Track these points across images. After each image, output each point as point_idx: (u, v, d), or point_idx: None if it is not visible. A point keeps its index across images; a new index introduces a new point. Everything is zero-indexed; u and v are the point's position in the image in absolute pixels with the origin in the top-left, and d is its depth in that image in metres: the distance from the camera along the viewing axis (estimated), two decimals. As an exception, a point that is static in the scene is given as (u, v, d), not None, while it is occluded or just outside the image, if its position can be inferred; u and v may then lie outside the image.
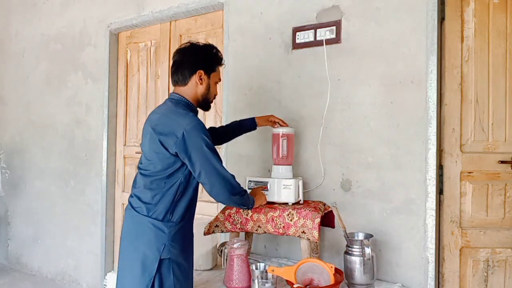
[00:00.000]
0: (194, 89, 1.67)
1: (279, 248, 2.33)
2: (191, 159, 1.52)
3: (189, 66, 1.66)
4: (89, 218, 3.33)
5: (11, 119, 3.96)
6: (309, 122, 2.24)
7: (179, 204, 1.59)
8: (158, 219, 1.55)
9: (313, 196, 2.22)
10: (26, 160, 3.81)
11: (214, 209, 2.68)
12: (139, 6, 3.02)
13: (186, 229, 1.64)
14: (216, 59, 1.72)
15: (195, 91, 1.67)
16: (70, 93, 3.47)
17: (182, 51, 1.69)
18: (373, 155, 2.06)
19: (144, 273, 1.53)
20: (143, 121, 3.14)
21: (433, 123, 1.91)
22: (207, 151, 1.52)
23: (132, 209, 1.61)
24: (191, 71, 1.65)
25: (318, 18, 2.24)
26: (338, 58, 2.17)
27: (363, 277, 1.73)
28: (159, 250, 1.53)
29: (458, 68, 1.97)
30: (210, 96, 1.72)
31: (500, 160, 1.93)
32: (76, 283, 3.41)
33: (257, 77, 2.44)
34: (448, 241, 1.96)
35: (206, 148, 1.52)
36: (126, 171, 3.24)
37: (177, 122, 1.53)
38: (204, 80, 1.67)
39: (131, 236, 1.60)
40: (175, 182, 1.57)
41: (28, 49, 3.81)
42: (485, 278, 1.94)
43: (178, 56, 1.69)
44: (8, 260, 3.96)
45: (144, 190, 1.59)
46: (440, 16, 1.97)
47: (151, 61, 3.11)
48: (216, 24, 2.75)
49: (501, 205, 1.94)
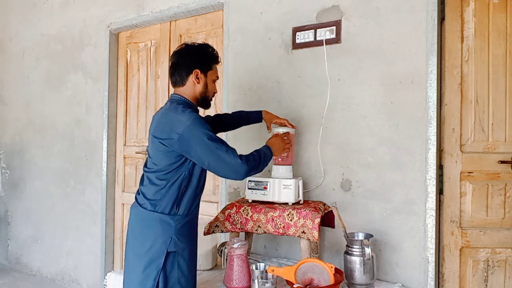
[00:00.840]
0: (192, 88, 1.70)
1: (279, 248, 2.33)
2: (196, 153, 1.54)
3: (185, 66, 1.69)
4: (89, 218, 3.33)
5: (11, 119, 3.96)
6: (309, 122, 2.24)
7: (184, 198, 1.62)
8: (165, 212, 1.59)
9: (313, 196, 2.22)
10: (26, 160, 3.81)
11: (214, 209, 2.68)
12: (139, 6, 3.02)
13: (191, 222, 1.67)
14: (212, 57, 1.74)
15: (194, 90, 1.70)
16: (70, 93, 3.47)
17: (178, 53, 1.73)
18: (373, 155, 2.06)
19: (151, 267, 1.55)
20: (143, 121, 3.14)
21: (433, 123, 1.91)
22: (209, 143, 1.53)
23: (138, 206, 1.64)
24: (187, 71, 1.68)
25: (318, 18, 2.24)
26: (338, 58, 2.17)
27: (363, 277, 1.73)
28: (166, 243, 1.56)
29: (458, 68, 1.97)
30: (209, 94, 1.75)
31: (500, 160, 1.93)
32: (76, 283, 3.41)
33: (257, 77, 2.44)
34: (448, 241, 1.96)
35: (209, 140, 1.53)
36: (126, 171, 3.24)
37: (178, 120, 1.56)
38: (201, 79, 1.70)
39: (137, 231, 1.63)
40: (179, 177, 1.60)
41: (28, 49, 3.81)
42: (485, 278, 1.94)
43: (175, 58, 1.72)
44: (8, 260, 3.96)
45: (149, 186, 1.62)
46: (440, 16, 1.97)
47: (151, 61, 3.11)
48: (216, 24, 2.75)
49: (501, 205, 1.94)
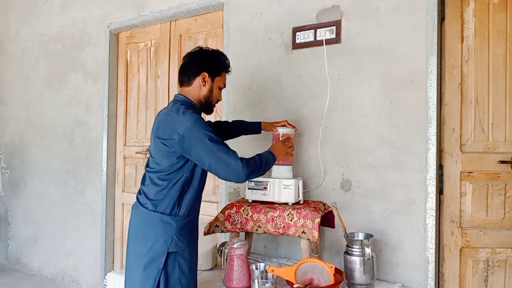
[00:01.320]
0: (198, 90, 1.71)
1: (279, 248, 2.33)
2: (197, 154, 1.54)
3: (195, 68, 1.70)
4: (89, 218, 3.33)
5: (11, 119, 3.96)
6: (309, 122, 2.24)
7: (185, 198, 1.62)
8: (165, 213, 1.59)
9: (313, 196, 2.22)
10: (26, 160, 3.81)
11: (214, 209, 2.68)
12: (139, 6, 3.02)
13: (192, 223, 1.67)
14: (223, 64, 1.76)
15: (198, 93, 1.71)
16: (70, 93, 3.47)
17: (191, 54, 1.75)
18: (373, 155, 2.06)
19: (152, 267, 1.56)
20: (143, 121, 3.14)
21: (433, 123, 1.91)
22: (210, 144, 1.53)
23: (139, 206, 1.65)
24: (195, 72, 1.70)
25: (318, 18, 2.24)
26: (338, 58, 2.17)
27: (363, 277, 1.73)
28: (167, 243, 1.57)
29: (458, 68, 1.97)
30: (213, 99, 1.75)
31: (500, 160, 1.93)
32: (76, 283, 3.41)
33: (257, 77, 2.44)
34: (448, 241, 1.96)
35: (209, 141, 1.53)
36: (126, 171, 3.24)
37: (179, 120, 1.56)
38: (208, 83, 1.70)
39: (138, 231, 1.63)
40: (181, 177, 1.60)
41: (28, 49, 3.81)
42: (485, 278, 1.94)
43: (186, 58, 1.74)
44: (8, 260, 3.96)
45: (151, 186, 1.63)
46: (440, 16, 1.97)
47: (151, 61, 3.11)
48: (216, 24, 2.75)
49: (501, 205, 1.94)
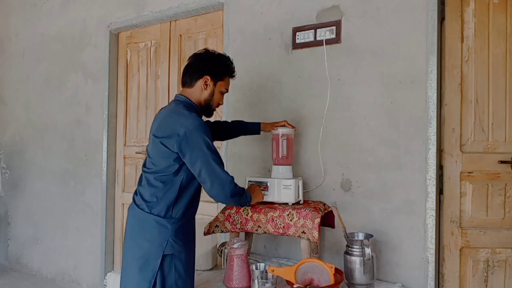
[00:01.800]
0: (199, 93, 1.71)
1: (279, 248, 2.33)
2: (191, 158, 1.54)
3: (198, 70, 1.70)
4: (89, 218, 3.33)
5: (11, 119, 3.96)
6: (309, 122, 2.24)
7: (180, 202, 1.61)
8: (160, 215, 1.58)
9: (313, 196, 2.22)
10: (26, 160, 3.81)
11: (214, 209, 2.68)
12: (139, 6, 3.02)
13: (188, 225, 1.67)
14: (227, 69, 1.76)
15: (199, 95, 1.71)
16: (70, 93, 3.47)
17: (196, 55, 1.75)
18: (373, 155, 2.06)
19: (147, 269, 1.55)
20: (143, 121, 3.14)
21: (433, 123, 1.91)
22: (207, 152, 1.54)
23: (135, 207, 1.64)
24: (198, 74, 1.70)
25: (318, 18, 2.23)
26: (338, 58, 2.16)
27: (363, 277, 1.73)
28: (162, 246, 1.56)
29: (458, 68, 1.97)
30: (213, 103, 1.75)
31: (500, 160, 1.93)
32: (76, 283, 3.41)
33: (257, 77, 2.44)
34: (448, 241, 1.96)
35: (207, 149, 1.54)
36: (126, 171, 3.24)
37: (180, 122, 1.56)
38: (209, 86, 1.71)
39: (134, 233, 1.63)
40: (177, 180, 1.59)
41: (28, 49, 3.81)
42: (485, 278, 1.94)
43: (191, 59, 1.75)
44: (8, 260, 3.96)
45: (147, 187, 1.62)
46: (440, 16, 1.97)
47: (151, 61, 3.11)
48: (216, 24, 2.75)
49: (501, 205, 1.94)
